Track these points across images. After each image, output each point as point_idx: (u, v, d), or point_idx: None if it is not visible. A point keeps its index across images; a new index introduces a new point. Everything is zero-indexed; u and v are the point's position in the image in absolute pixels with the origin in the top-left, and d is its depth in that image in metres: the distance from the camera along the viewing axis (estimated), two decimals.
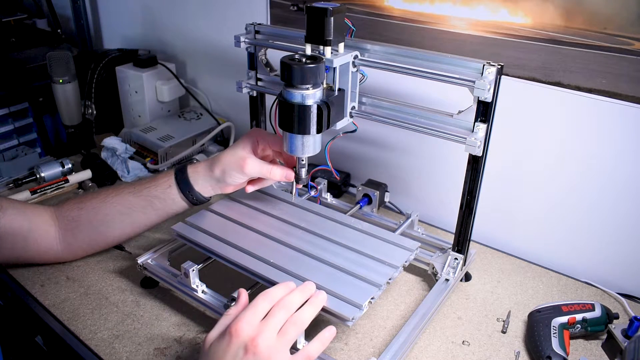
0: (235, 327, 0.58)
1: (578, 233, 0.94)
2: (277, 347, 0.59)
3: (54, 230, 0.84)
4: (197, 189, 0.83)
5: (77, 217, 0.83)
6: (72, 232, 0.84)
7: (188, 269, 0.77)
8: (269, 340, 0.58)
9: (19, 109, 1.22)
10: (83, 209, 0.84)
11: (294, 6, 1.12)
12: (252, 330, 0.58)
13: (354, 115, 0.84)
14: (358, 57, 0.79)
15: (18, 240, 0.82)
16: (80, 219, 0.84)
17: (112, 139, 1.21)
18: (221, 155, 0.81)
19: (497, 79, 0.71)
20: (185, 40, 1.40)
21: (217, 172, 0.81)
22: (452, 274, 0.86)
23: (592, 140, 0.87)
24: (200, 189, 0.83)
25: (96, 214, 0.83)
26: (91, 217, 0.84)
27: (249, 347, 0.57)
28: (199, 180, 0.83)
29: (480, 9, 0.90)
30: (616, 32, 0.79)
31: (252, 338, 0.58)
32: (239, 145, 0.81)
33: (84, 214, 0.84)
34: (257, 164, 0.79)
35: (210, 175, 0.82)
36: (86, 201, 0.85)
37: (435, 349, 0.77)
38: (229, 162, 0.80)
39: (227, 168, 0.80)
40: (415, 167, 1.09)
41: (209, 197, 0.85)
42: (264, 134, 0.82)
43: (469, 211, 0.82)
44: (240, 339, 0.58)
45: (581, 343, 0.79)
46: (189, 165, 0.84)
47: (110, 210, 0.83)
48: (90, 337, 0.77)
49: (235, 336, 0.58)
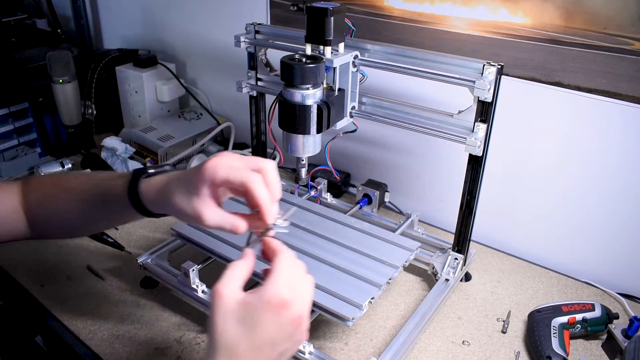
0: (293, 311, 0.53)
1: (578, 233, 0.94)
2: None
3: (21, 218, 0.75)
4: (156, 211, 0.65)
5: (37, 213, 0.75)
6: (38, 226, 0.76)
7: (188, 269, 0.77)
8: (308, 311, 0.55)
9: (19, 109, 1.22)
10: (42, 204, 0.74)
11: (294, 6, 1.12)
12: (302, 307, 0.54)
13: (354, 115, 0.84)
14: (358, 57, 0.79)
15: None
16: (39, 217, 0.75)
17: (112, 139, 1.21)
18: (173, 196, 0.60)
19: (497, 79, 0.71)
20: (185, 40, 1.40)
21: (171, 212, 0.62)
22: (452, 274, 0.86)
23: (592, 140, 0.87)
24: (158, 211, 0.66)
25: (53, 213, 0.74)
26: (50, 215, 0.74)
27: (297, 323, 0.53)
28: (155, 208, 0.65)
29: (480, 9, 0.90)
30: (616, 32, 0.79)
31: (300, 316, 0.53)
32: (191, 189, 0.59)
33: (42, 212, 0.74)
34: (216, 219, 0.59)
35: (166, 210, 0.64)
36: (49, 197, 0.74)
37: (435, 349, 0.77)
38: (181, 211, 0.60)
39: (182, 217, 0.61)
40: (415, 167, 1.09)
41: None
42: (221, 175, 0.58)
43: (469, 211, 0.82)
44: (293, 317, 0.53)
45: (581, 343, 0.79)
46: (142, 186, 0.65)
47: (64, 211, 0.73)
48: (90, 337, 0.77)
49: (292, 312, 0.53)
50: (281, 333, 0.53)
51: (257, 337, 0.51)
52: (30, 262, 0.91)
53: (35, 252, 0.93)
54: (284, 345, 0.53)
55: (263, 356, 0.52)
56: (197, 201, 0.59)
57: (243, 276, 0.55)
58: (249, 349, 0.51)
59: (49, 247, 0.95)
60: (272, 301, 0.52)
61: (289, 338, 0.53)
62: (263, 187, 0.58)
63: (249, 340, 0.51)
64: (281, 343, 0.53)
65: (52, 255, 0.93)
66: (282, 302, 0.52)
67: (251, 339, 0.51)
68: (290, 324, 0.53)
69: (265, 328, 0.52)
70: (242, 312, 0.52)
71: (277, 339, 0.52)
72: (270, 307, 0.52)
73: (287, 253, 0.57)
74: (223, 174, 0.58)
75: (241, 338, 0.51)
